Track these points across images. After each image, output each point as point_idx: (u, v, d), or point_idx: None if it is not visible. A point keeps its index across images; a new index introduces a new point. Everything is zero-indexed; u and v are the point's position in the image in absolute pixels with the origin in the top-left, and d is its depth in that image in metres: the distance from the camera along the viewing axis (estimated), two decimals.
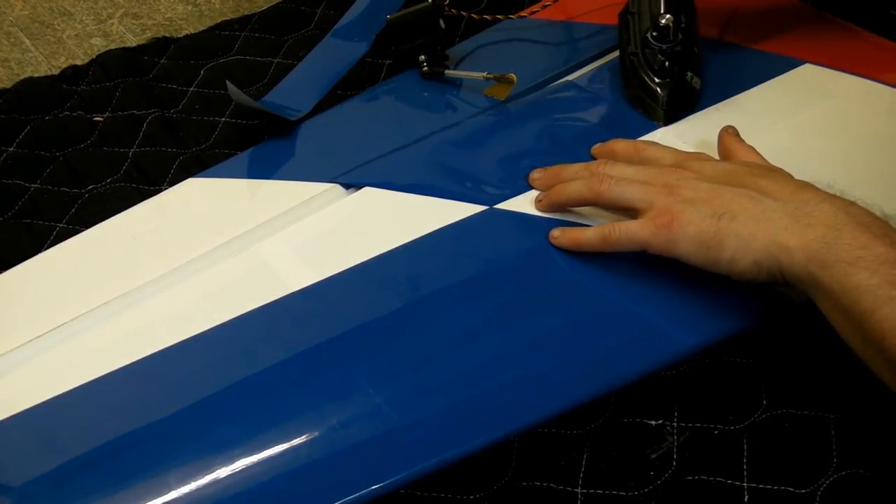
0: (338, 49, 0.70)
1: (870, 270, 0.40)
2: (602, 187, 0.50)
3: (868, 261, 0.40)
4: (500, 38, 0.70)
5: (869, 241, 0.41)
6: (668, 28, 0.59)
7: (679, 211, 0.46)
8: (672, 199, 0.47)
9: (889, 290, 0.39)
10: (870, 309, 0.39)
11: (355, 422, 0.44)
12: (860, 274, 0.40)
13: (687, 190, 0.47)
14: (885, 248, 0.41)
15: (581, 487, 0.45)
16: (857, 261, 0.40)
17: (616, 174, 0.50)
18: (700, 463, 0.46)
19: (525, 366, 0.46)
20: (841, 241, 0.41)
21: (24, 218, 0.60)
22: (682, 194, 0.47)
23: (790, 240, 0.43)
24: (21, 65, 0.74)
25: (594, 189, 0.50)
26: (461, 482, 0.45)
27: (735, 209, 0.45)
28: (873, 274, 0.40)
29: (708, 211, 0.45)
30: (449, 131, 0.61)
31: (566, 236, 0.51)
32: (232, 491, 0.41)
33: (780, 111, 0.60)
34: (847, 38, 0.65)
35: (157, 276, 0.52)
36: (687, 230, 0.46)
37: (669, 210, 0.46)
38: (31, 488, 0.43)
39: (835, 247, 0.41)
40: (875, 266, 0.40)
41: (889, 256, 0.40)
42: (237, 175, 0.60)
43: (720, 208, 0.45)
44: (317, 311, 0.50)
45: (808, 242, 0.42)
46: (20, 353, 0.49)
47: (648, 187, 0.48)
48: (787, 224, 0.43)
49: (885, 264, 0.40)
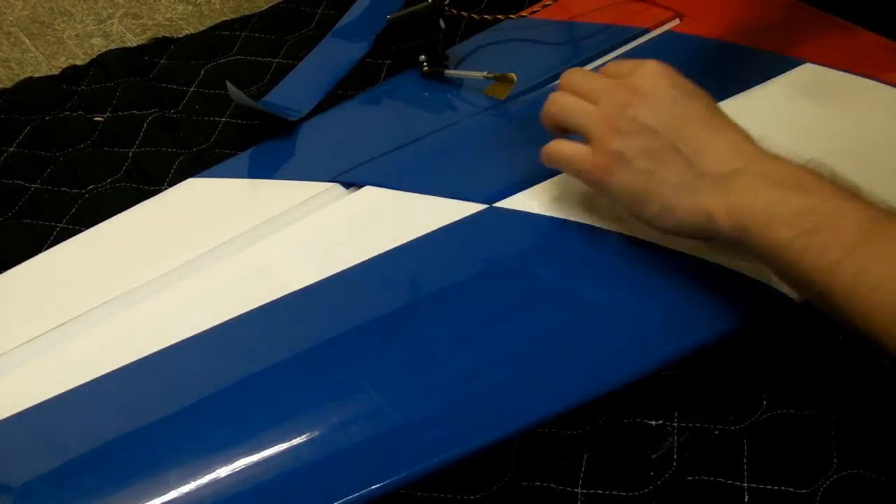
0: (338, 49, 0.70)
1: (787, 224, 0.41)
2: (551, 108, 0.51)
3: (785, 216, 0.42)
4: (500, 38, 0.70)
5: (784, 197, 0.42)
6: None
7: (616, 156, 0.47)
8: (612, 138, 0.47)
9: (806, 238, 0.41)
10: (793, 261, 0.41)
11: (355, 422, 0.44)
12: (779, 230, 0.42)
13: (630, 125, 0.47)
14: (799, 199, 0.42)
15: (581, 487, 0.45)
16: (774, 218, 0.42)
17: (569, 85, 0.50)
18: (700, 463, 0.46)
19: (525, 365, 0.46)
20: (758, 203, 0.43)
21: (24, 218, 0.60)
22: (624, 129, 0.47)
23: (714, 207, 0.44)
24: (21, 65, 0.74)
25: (545, 110, 0.51)
26: (461, 482, 0.45)
27: (666, 169, 0.46)
28: (790, 227, 0.41)
29: (642, 164, 0.46)
30: (449, 130, 0.61)
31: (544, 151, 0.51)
32: (232, 491, 0.41)
33: (780, 111, 0.59)
34: (847, 38, 0.65)
35: (157, 276, 0.52)
36: (619, 178, 0.47)
37: (607, 152, 0.47)
38: (31, 488, 0.43)
39: (753, 209, 0.43)
40: (791, 219, 0.41)
41: (803, 206, 0.42)
42: (237, 175, 0.60)
43: (653, 163, 0.46)
44: (317, 310, 0.50)
45: (730, 209, 0.43)
46: (20, 353, 0.49)
47: (593, 114, 0.48)
48: (712, 191, 0.44)
49: (800, 215, 0.41)
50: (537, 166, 0.56)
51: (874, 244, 0.39)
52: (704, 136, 0.47)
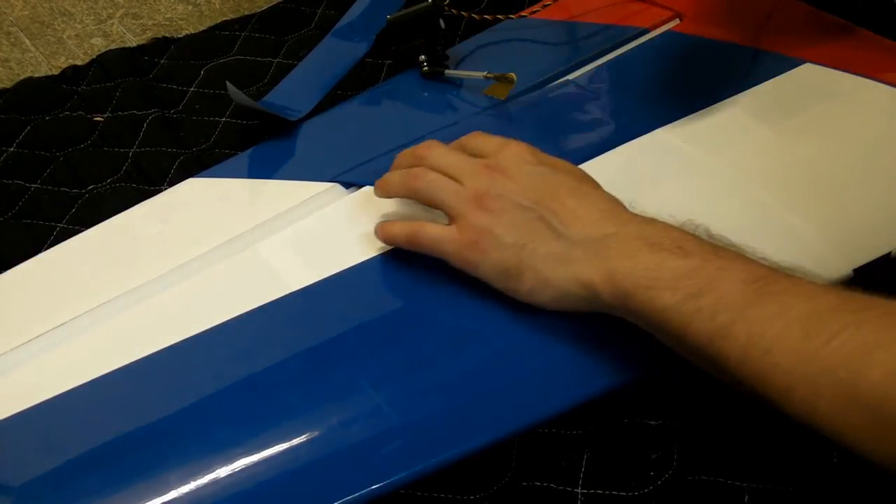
0: (338, 49, 0.70)
1: (670, 289, 0.40)
2: (416, 184, 0.49)
3: (667, 279, 0.40)
4: (500, 38, 0.70)
5: (663, 260, 0.41)
6: None
7: (484, 233, 0.46)
8: (479, 215, 0.46)
9: (692, 302, 0.39)
10: (682, 327, 0.39)
11: (355, 421, 0.44)
12: (663, 295, 0.40)
13: (496, 202, 0.46)
14: (680, 261, 0.40)
15: (581, 487, 0.45)
16: (655, 283, 0.40)
17: (433, 162, 0.50)
18: (700, 463, 0.46)
19: (528, 362, 0.46)
20: (637, 268, 0.41)
21: (24, 218, 0.60)
22: (490, 207, 0.46)
23: (591, 275, 0.43)
24: (21, 65, 0.74)
25: (408, 185, 0.50)
26: (461, 482, 0.45)
27: (537, 241, 0.45)
28: (674, 291, 0.40)
29: (511, 238, 0.45)
30: (449, 130, 0.61)
31: (382, 229, 0.51)
32: (232, 491, 0.41)
33: (780, 111, 0.60)
34: (847, 38, 0.65)
35: (157, 276, 0.52)
36: (489, 255, 0.46)
37: (475, 229, 0.46)
38: (31, 488, 0.43)
39: (633, 276, 0.41)
40: (674, 283, 0.40)
41: (683, 269, 0.40)
42: (237, 175, 0.60)
43: (523, 237, 0.45)
44: (317, 310, 0.50)
45: (608, 276, 0.42)
46: (20, 353, 0.49)
47: (459, 192, 0.48)
48: (587, 260, 0.43)
49: (682, 278, 0.40)
50: None
51: (762, 306, 0.38)
52: (572, 205, 0.46)
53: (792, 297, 0.37)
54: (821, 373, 0.35)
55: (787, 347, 0.36)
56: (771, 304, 0.37)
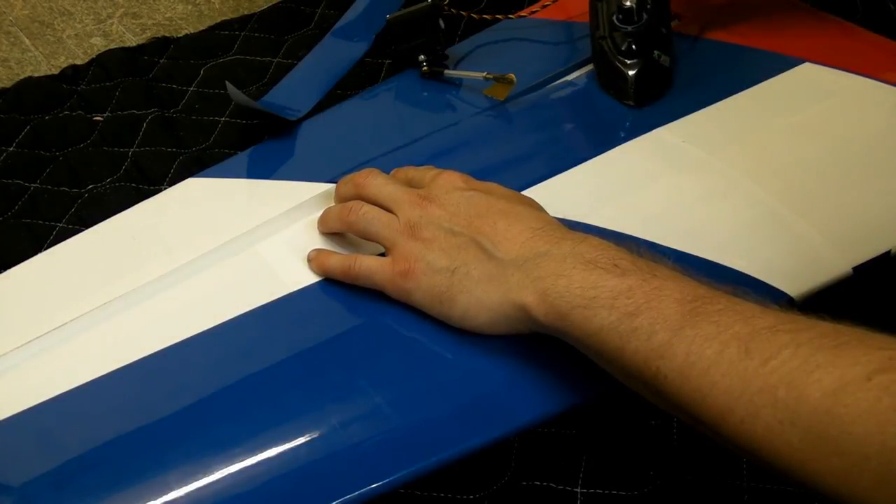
0: (338, 49, 0.70)
1: (607, 308, 0.39)
2: (350, 217, 0.50)
3: (602, 299, 0.39)
4: (500, 38, 0.70)
5: (599, 279, 0.40)
6: (631, 10, 0.59)
7: (416, 260, 0.46)
8: (411, 245, 0.47)
9: (629, 321, 0.38)
10: (619, 347, 0.38)
11: (355, 421, 0.44)
12: (599, 314, 0.39)
13: (427, 231, 0.47)
14: (616, 280, 0.40)
15: (581, 487, 0.45)
16: (591, 302, 0.39)
17: (369, 192, 0.50)
18: (700, 463, 0.46)
19: (528, 362, 0.46)
20: (572, 288, 0.40)
21: (24, 218, 0.60)
22: (422, 236, 0.46)
23: (524, 296, 0.42)
24: (21, 65, 0.74)
25: (344, 219, 0.51)
26: (461, 482, 0.46)
27: (469, 264, 0.45)
28: (611, 311, 0.39)
29: (443, 263, 0.45)
30: (448, 131, 0.61)
31: (317, 259, 0.51)
32: (232, 491, 0.41)
33: (780, 110, 0.60)
34: (847, 37, 0.65)
35: (156, 277, 0.52)
36: (421, 282, 0.46)
37: (407, 258, 0.46)
38: (31, 488, 0.43)
39: (567, 294, 0.40)
40: (610, 302, 0.39)
41: (620, 287, 0.39)
42: (237, 175, 0.60)
43: (455, 261, 0.45)
44: (317, 310, 0.50)
45: (541, 296, 0.41)
46: (20, 353, 0.49)
47: (392, 223, 0.48)
48: (520, 279, 0.42)
49: (619, 297, 0.39)
50: (536, 166, 0.56)
51: (700, 325, 0.37)
52: (503, 226, 0.45)
53: (729, 316, 0.37)
54: (759, 392, 0.34)
55: (726, 367, 0.35)
56: (708, 324, 0.37)
